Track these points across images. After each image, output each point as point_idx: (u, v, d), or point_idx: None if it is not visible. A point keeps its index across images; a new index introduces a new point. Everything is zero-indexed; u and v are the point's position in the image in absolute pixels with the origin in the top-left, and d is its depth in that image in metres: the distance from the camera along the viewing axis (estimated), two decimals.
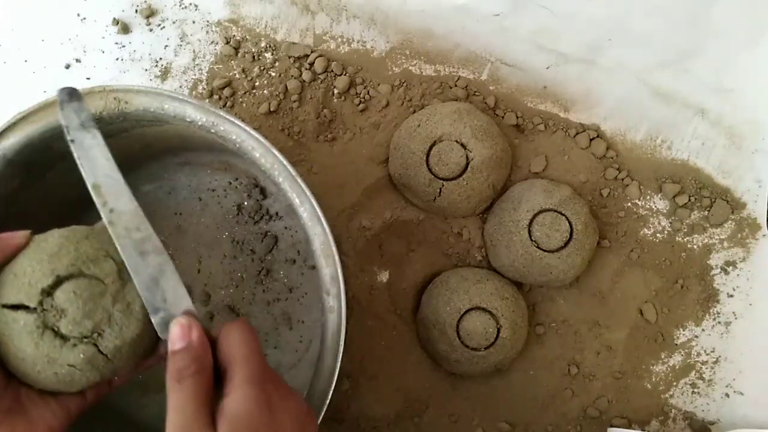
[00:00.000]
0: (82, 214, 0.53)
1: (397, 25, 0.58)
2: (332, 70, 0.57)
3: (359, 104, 0.58)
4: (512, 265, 0.54)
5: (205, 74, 0.58)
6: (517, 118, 0.58)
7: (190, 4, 0.58)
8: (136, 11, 0.58)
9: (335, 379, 0.41)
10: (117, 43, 0.58)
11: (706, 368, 0.58)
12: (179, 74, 0.58)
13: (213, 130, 0.42)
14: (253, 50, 0.57)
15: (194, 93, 0.57)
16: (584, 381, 0.58)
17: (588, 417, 0.57)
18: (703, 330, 0.58)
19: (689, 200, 0.58)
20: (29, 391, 0.34)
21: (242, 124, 0.41)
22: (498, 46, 0.58)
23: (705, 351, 0.58)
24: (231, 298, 0.55)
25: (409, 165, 0.53)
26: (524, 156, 0.58)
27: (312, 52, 0.57)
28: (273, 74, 0.57)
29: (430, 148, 0.53)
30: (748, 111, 0.57)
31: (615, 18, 0.56)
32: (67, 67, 0.57)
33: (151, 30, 0.58)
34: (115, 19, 0.57)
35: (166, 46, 0.58)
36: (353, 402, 0.56)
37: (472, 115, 0.54)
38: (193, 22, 0.58)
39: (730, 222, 0.58)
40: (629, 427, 0.57)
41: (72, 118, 0.35)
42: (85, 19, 0.58)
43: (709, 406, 0.58)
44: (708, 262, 0.58)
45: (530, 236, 0.53)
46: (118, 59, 0.57)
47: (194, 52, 0.58)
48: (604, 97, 0.58)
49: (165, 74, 0.58)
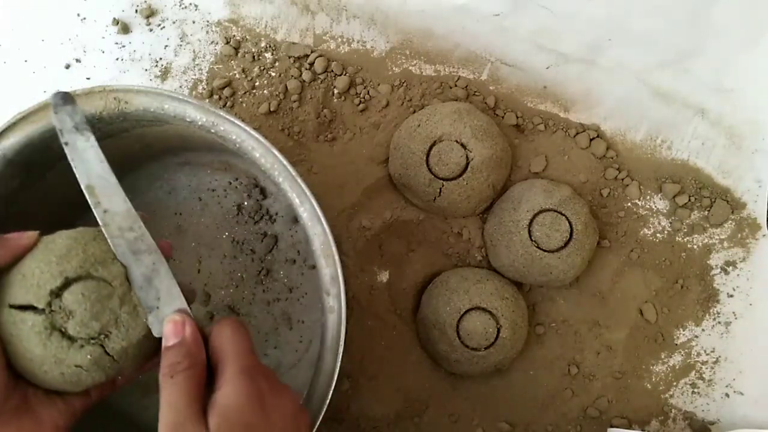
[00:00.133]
0: (82, 214, 0.53)
1: (397, 25, 0.58)
2: (332, 70, 0.57)
3: (359, 104, 0.58)
4: (512, 265, 0.54)
5: (205, 74, 0.58)
6: (517, 118, 0.58)
7: (190, 4, 0.58)
8: (136, 11, 0.58)
9: (335, 379, 0.41)
10: (117, 43, 0.58)
11: (706, 368, 0.58)
12: (179, 74, 0.58)
13: (213, 130, 0.42)
14: (253, 50, 0.57)
15: (194, 93, 0.58)
16: (584, 381, 0.58)
17: (588, 417, 0.57)
18: (703, 330, 0.58)
19: (689, 200, 0.58)
20: (36, 391, 0.34)
21: (242, 124, 0.41)
22: (498, 46, 0.58)
23: (705, 351, 0.58)
24: (231, 298, 0.55)
25: (409, 165, 0.53)
26: (524, 156, 0.58)
27: (312, 52, 0.57)
28: (273, 74, 0.57)
29: (430, 148, 0.53)
30: (748, 111, 0.57)
31: (615, 18, 0.56)
32: (67, 67, 0.57)
33: (151, 30, 0.58)
34: (115, 19, 0.57)
35: (166, 46, 0.58)
36: (353, 402, 0.56)
37: (472, 115, 0.54)
38: (193, 22, 0.58)
39: (730, 222, 0.58)
40: (629, 427, 0.57)
41: (66, 121, 0.35)
42: (85, 19, 0.58)
43: (709, 406, 0.58)
44: (708, 262, 0.58)
45: (530, 236, 0.53)
46: (118, 59, 0.57)
47: (194, 52, 0.58)
48: (604, 97, 0.58)
49: (165, 74, 0.58)
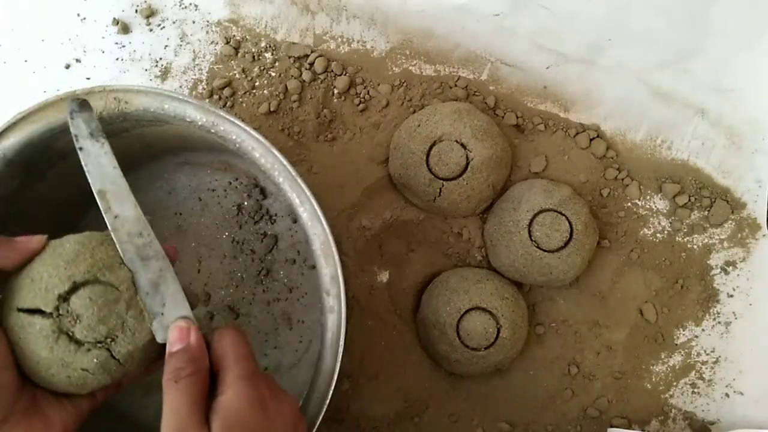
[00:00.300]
0: (83, 214, 0.53)
1: (397, 25, 0.58)
2: (332, 70, 0.57)
3: (359, 104, 0.58)
4: (512, 265, 0.54)
5: (205, 74, 0.58)
6: (517, 118, 0.58)
7: (190, 4, 0.58)
8: (136, 11, 0.58)
9: (335, 379, 0.41)
10: (117, 43, 0.58)
11: (706, 368, 0.58)
12: (179, 74, 0.58)
13: (213, 130, 0.42)
14: (253, 50, 0.57)
15: (194, 93, 0.58)
16: (584, 381, 0.58)
17: (588, 417, 0.57)
18: (703, 330, 0.58)
19: (689, 200, 0.58)
20: (44, 392, 0.35)
21: (242, 124, 0.41)
22: (498, 46, 0.58)
23: (705, 351, 0.58)
24: (231, 298, 0.55)
25: (409, 165, 0.53)
26: (524, 156, 0.58)
27: (312, 52, 0.57)
28: (273, 74, 0.57)
29: (430, 148, 0.53)
30: (748, 111, 0.57)
31: (615, 18, 0.56)
32: (67, 67, 0.57)
33: (151, 30, 0.58)
34: (115, 19, 0.57)
35: (166, 46, 0.58)
36: (353, 402, 0.56)
37: (472, 115, 0.54)
38: (193, 22, 0.58)
39: (730, 222, 0.58)
40: (629, 427, 0.57)
41: (81, 128, 0.36)
42: (85, 19, 0.58)
43: (709, 406, 0.58)
44: (708, 262, 0.58)
45: (530, 236, 0.53)
46: (118, 59, 0.57)
47: (194, 52, 0.58)
48: (604, 97, 0.58)
49: (165, 74, 0.58)
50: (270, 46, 0.58)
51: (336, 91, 0.57)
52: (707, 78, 0.57)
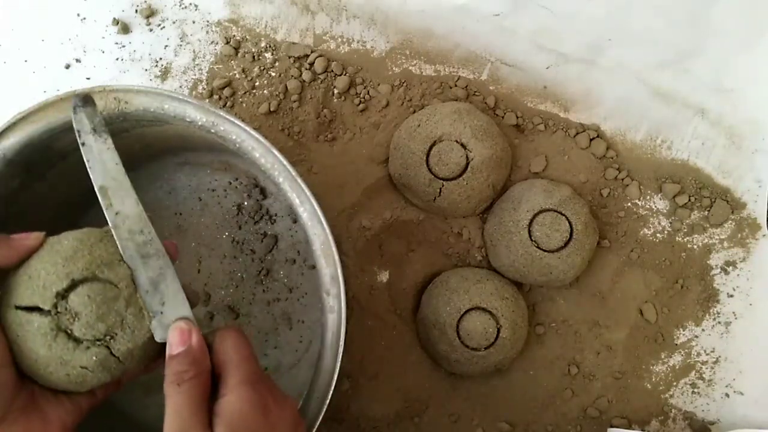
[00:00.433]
0: (83, 214, 0.53)
1: (397, 25, 0.58)
2: (332, 70, 0.57)
3: (359, 104, 0.58)
4: (512, 265, 0.54)
5: (205, 74, 0.58)
6: (517, 118, 0.58)
7: (190, 4, 0.58)
8: (136, 11, 0.58)
9: (335, 379, 0.41)
10: (117, 43, 0.58)
11: (706, 368, 0.58)
12: (179, 74, 0.58)
13: (213, 130, 0.42)
14: (253, 50, 0.57)
15: (194, 93, 0.58)
16: (584, 381, 0.58)
17: (588, 417, 0.57)
18: (703, 330, 0.58)
19: (689, 200, 0.58)
20: (43, 390, 0.35)
21: (242, 124, 0.41)
22: (498, 46, 0.58)
23: (705, 351, 0.58)
24: (231, 298, 0.55)
25: (409, 165, 0.53)
26: (524, 156, 0.58)
27: (312, 52, 0.57)
28: (273, 74, 0.57)
29: (430, 148, 0.53)
30: (748, 111, 0.57)
31: (615, 18, 0.56)
32: (67, 67, 0.57)
33: (151, 30, 0.58)
34: (115, 19, 0.57)
35: (166, 46, 0.58)
36: (353, 402, 0.56)
37: (472, 115, 0.54)
38: (193, 22, 0.58)
39: (730, 222, 0.58)
40: (629, 427, 0.57)
41: (84, 123, 0.36)
42: (85, 19, 0.58)
43: (709, 406, 0.58)
44: (708, 262, 0.58)
45: (530, 236, 0.53)
46: (118, 59, 0.57)
47: (194, 52, 0.58)
48: (604, 97, 0.58)
49: (165, 74, 0.58)
50: (270, 46, 0.58)
51: (336, 91, 0.57)
52: (707, 78, 0.57)
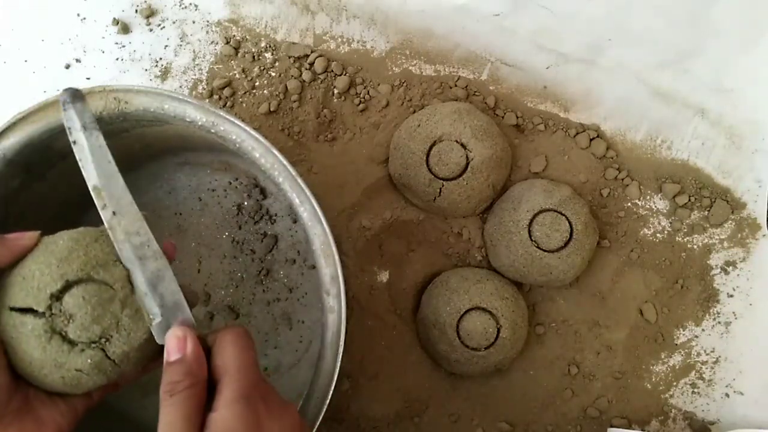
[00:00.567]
0: (83, 215, 0.53)
1: (397, 25, 0.58)
2: (332, 70, 0.57)
3: (359, 104, 0.58)
4: (512, 265, 0.54)
5: (205, 74, 0.58)
6: (517, 118, 0.58)
7: (190, 4, 0.58)
8: (136, 11, 0.58)
9: (335, 379, 0.41)
10: (117, 43, 0.58)
11: (706, 368, 0.58)
12: (179, 74, 0.58)
13: (213, 130, 0.42)
14: (253, 50, 0.57)
15: (194, 93, 0.58)
16: (584, 381, 0.58)
17: (588, 417, 0.57)
18: (703, 330, 0.58)
19: (689, 200, 0.58)
20: (38, 392, 0.34)
21: (242, 124, 0.41)
22: (498, 46, 0.58)
23: (705, 351, 0.58)
24: (231, 298, 0.55)
25: (409, 165, 0.53)
26: (524, 156, 0.58)
27: (312, 52, 0.57)
28: (273, 74, 0.57)
29: (430, 148, 0.53)
30: (748, 111, 0.57)
31: (615, 18, 0.56)
32: (67, 67, 0.57)
33: (151, 30, 0.58)
34: (115, 19, 0.57)
35: (166, 46, 0.58)
36: (353, 402, 0.56)
37: (472, 115, 0.54)
38: (193, 22, 0.58)
39: (730, 222, 0.58)
40: (629, 427, 0.57)
41: (74, 120, 0.35)
42: (85, 19, 0.58)
43: (709, 406, 0.58)
44: (708, 262, 0.58)
45: (530, 236, 0.53)
46: (118, 59, 0.57)
47: (194, 52, 0.58)
48: (604, 97, 0.58)
49: (165, 74, 0.58)
50: (270, 46, 0.58)
51: (336, 91, 0.57)
52: (707, 78, 0.57)
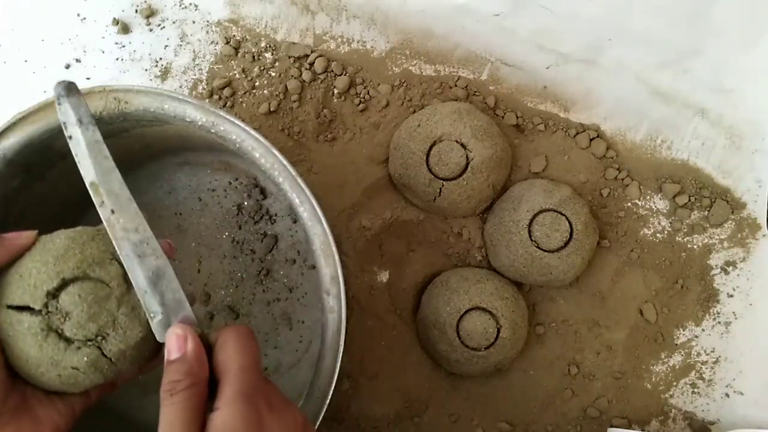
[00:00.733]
0: (83, 214, 0.53)
1: (397, 25, 0.58)
2: (332, 70, 0.57)
3: (359, 104, 0.58)
4: (512, 265, 0.54)
5: (205, 74, 0.58)
6: (517, 118, 0.58)
7: (190, 4, 0.58)
8: (136, 11, 0.58)
9: (335, 379, 0.41)
10: (117, 43, 0.58)
11: (706, 368, 0.58)
12: (179, 74, 0.58)
13: (213, 130, 0.42)
14: (253, 50, 0.57)
15: (194, 93, 0.57)
16: (584, 381, 0.58)
17: (588, 417, 0.57)
18: (703, 330, 0.58)
19: (689, 200, 0.58)
20: (35, 391, 0.34)
21: (242, 124, 0.41)
22: (498, 46, 0.58)
23: (705, 351, 0.58)
24: (231, 298, 0.55)
25: (409, 165, 0.53)
26: (524, 156, 0.58)
27: (312, 52, 0.57)
28: (273, 74, 0.57)
29: (430, 148, 0.53)
30: (748, 111, 0.57)
31: (615, 18, 0.56)
32: (67, 67, 0.57)
33: (151, 30, 0.58)
34: (115, 19, 0.57)
35: (166, 46, 0.58)
36: (353, 402, 0.56)
37: (472, 115, 0.54)
38: (193, 22, 0.58)
39: (730, 222, 0.58)
40: (629, 427, 0.57)
41: (69, 114, 0.34)
42: (85, 19, 0.58)
43: (709, 406, 0.58)
44: (708, 262, 0.58)
45: (530, 236, 0.53)
46: (118, 59, 0.57)
47: (194, 52, 0.58)
48: (604, 97, 0.58)
49: (165, 74, 0.58)
50: (270, 46, 0.58)
51: (336, 91, 0.57)
52: (707, 78, 0.57)
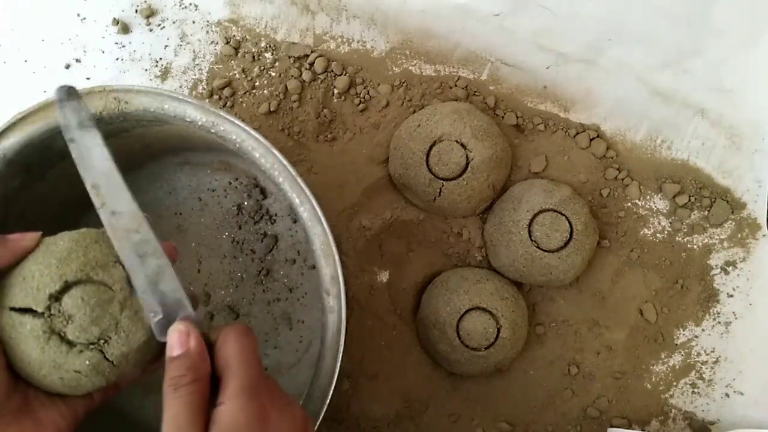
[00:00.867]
0: (83, 214, 0.53)
1: (397, 25, 0.58)
2: (332, 70, 0.57)
3: (359, 104, 0.58)
4: (512, 265, 0.54)
5: (205, 74, 0.58)
6: (517, 118, 0.58)
7: (190, 4, 0.58)
8: (136, 11, 0.58)
9: (335, 379, 0.41)
10: (117, 43, 0.58)
11: (706, 368, 0.58)
12: (179, 74, 0.58)
13: (213, 130, 0.42)
14: (253, 50, 0.57)
15: (194, 93, 0.58)
16: (584, 381, 0.58)
17: (588, 417, 0.57)
18: (703, 330, 0.58)
19: (689, 200, 0.58)
20: (37, 392, 0.34)
21: (242, 124, 0.41)
22: (498, 46, 0.58)
23: (705, 351, 0.58)
24: (231, 298, 0.55)
25: (409, 165, 0.53)
26: (524, 156, 0.58)
27: (312, 52, 0.57)
28: (273, 74, 0.57)
29: (430, 148, 0.53)
30: (748, 111, 0.57)
31: (615, 18, 0.56)
32: (67, 67, 0.57)
33: (151, 30, 0.58)
34: (115, 19, 0.57)
35: (166, 46, 0.58)
36: (353, 402, 0.56)
37: (472, 115, 0.54)
38: (193, 22, 0.58)
39: (730, 222, 0.58)
40: (629, 427, 0.57)
41: (70, 118, 0.35)
42: (85, 19, 0.58)
43: (709, 406, 0.58)
44: (708, 262, 0.58)
45: (530, 236, 0.53)
46: (118, 59, 0.57)
47: (194, 52, 0.58)
48: (604, 97, 0.58)
49: (165, 74, 0.58)
50: (270, 46, 0.58)
51: (336, 91, 0.57)
52: (707, 78, 0.57)
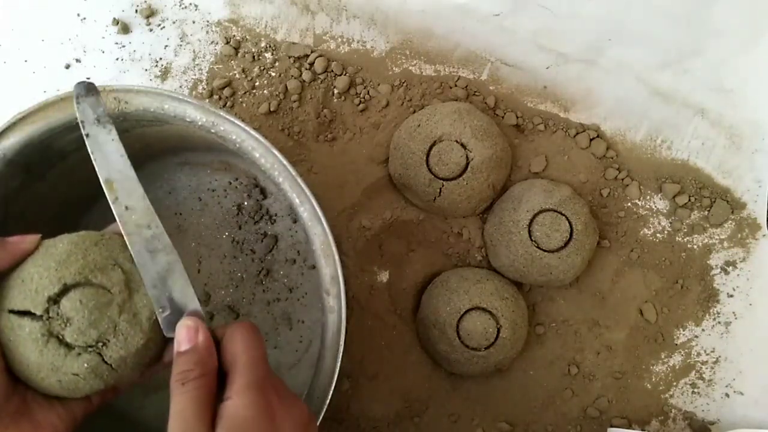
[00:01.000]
0: (83, 215, 0.53)
1: (397, 25, 0.58)
2: (332, 70, 0.57)
3: (359, 104, 0.58)
4: (512, 265, 0.54)
5: (205, 74, 0.58)
6: (517, 118, 0.58)
7: (190, 4, 0.58)
8: (136, 11, 0.58)
9: (335, 379, 0.41)
10: (117, 43, 0.58)
11: (706, 368, 0.58)
12: (179, 74, 0.58)
13: (213, 130, 0.42)
14: (253, 50, 0.57)
15: (194, 93, 0.58)
16: (584, 381, 0.58)
17: (588, 417, 0.57)
18: (703, 330, 0.58)
19: (689, 200, 0.58)
20: (36, 395, 0.34)
21: (242, 124, 0.41)
22: (498, 46, 0.58)
23: (705, 351, 0.58)
24: (231, 298, 0.55)
25: (409, 165, 0.53)
26: (524, 156, 0.58)
27: (312, 52, 0.57)
28: (273, 74, 0.57)
29: (430, 148, 0.53)
30: (748, 111, 0.57)
31: (615, 18, 0.56)
32: (67, 67, 0.57)
33: (151, 30, 0.58)
34: (115, 19, 0.57)
35: (166, 46, 0.58)
36: (353, 402, 0.56)
37: (472, 115, 0.54)
38: (193, 22, 0.58)
39: (730, 222, 0.58)
40: (629, 427, 0.57)
41: (88, 113, 0.35)
42: (85, 19, 0.58)
43: (709, 406, 0.58)
44: (708, 262, 0.58)
45: (530, 236, 0.53)
46: (118, 59, 0.57)
47: (194, 52, 0.58)
48: (604, 97, 0.58)
49: (165, 74, 0.58)
50: (270, 46, 0.58)
51: (336, 91, 0.57)
52: (707, 78, 0.57)
